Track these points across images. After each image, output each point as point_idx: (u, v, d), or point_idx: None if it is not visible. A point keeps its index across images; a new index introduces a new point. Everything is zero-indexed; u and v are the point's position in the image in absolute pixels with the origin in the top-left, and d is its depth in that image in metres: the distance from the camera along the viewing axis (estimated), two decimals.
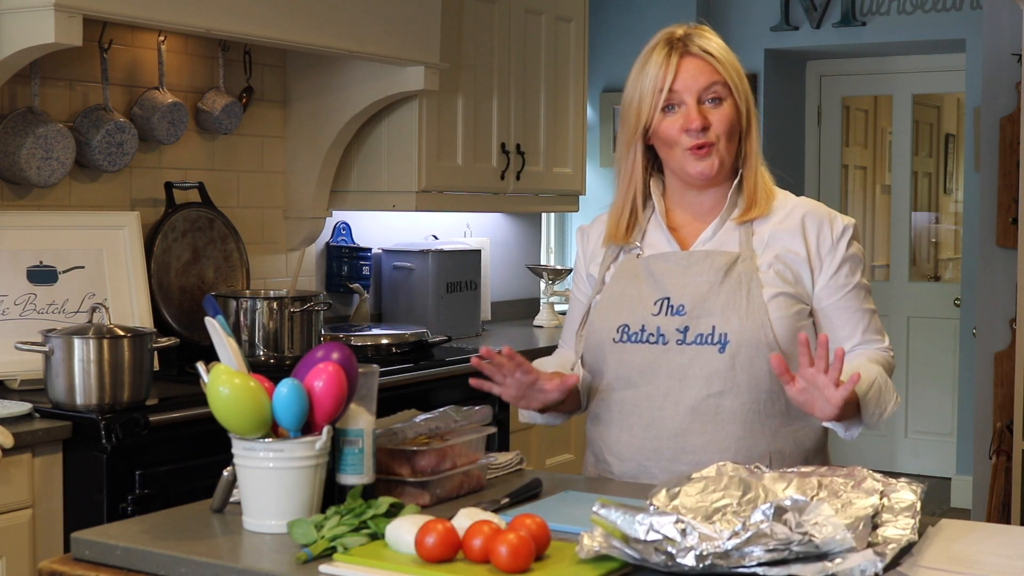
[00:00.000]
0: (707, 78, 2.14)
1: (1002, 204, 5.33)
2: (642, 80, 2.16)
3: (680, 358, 2.13)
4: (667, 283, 2.16)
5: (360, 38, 3.71)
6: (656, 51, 2.16)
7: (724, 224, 2.20)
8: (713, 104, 2.14)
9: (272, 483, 1.81)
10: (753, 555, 1.54)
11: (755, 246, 2.17)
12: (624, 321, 2.18)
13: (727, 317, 2.11)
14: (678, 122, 2.13)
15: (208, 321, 1.88)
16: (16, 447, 2.66)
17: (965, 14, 5.86)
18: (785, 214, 2.20)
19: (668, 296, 2.15)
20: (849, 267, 2.19)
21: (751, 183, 2.19)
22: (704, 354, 2.12)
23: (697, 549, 1.54)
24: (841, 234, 2.19)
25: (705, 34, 2.19)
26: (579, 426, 4.57)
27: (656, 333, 2.15)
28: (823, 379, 1.91)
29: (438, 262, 4.48)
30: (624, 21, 6.35)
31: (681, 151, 2.15)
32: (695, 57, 2.15)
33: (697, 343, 2.12)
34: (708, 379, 2.12)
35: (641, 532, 1.57)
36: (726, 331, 2.11)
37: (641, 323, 2.16)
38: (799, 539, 1.54)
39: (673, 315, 2.14)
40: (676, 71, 2.13)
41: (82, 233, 3.33)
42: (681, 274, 2.16)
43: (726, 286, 2.13)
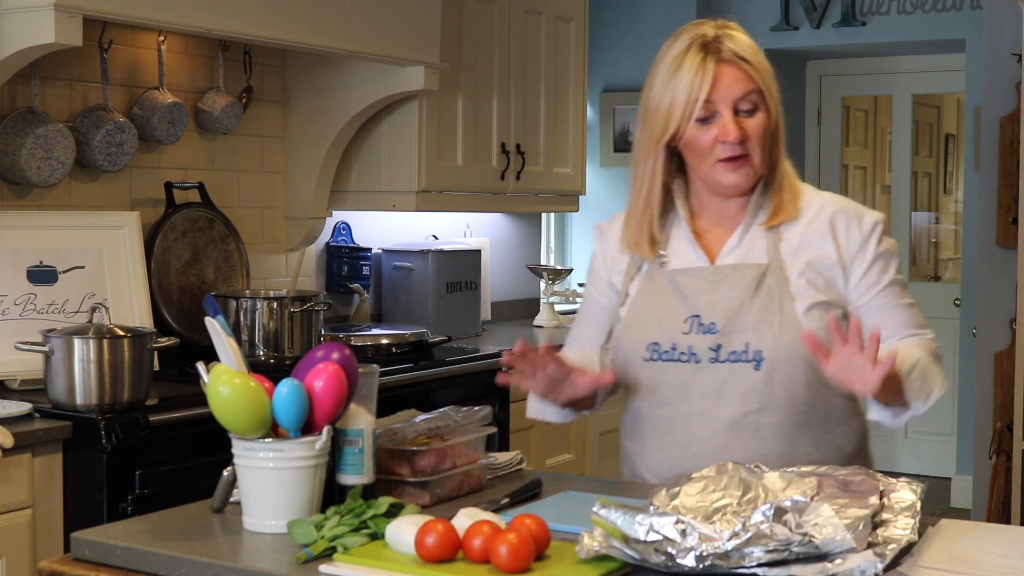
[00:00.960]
0: (743, 87, 2.04)
1: (1002, 204, 5.33)
2: (674, 86, 2.04)
3: (714, 376, 2.07)
4: (696, 300, 2.09)
5: (360, 38, 3.71)
6: (689, 55, 2.04)
7: (750, 230, 2.13)
8: (748, 114, 2.05)
9: (272, 483, 1.81)
10: (753, 555, 1.54)
11: (783, 253, 2.10)
12: (654, 339, 2.11)
13: (760, 333, 2.05)
14: (712, 133, 2.04)
15: (208, 321, 1.88)
16: (16, 447, 2.66)
17: (965, 14, 5.86)
18: (812, 215, 2.12)
19: (698, 314, 2.09)
20: (881, 264, 2.11)
21: (778, 186, 2.12)
22: (739, 371, 2.06)
23: (697, 550, 1.54)
24: (871, 231, 2.11)
25: (736, 34, 2.08)
26: (579, 426, 4.57)
27: (688, 352, 2.08)
28: (860, 357, 1.83)
29: (438, 262, 4.48)
30: (624, 21, 6.35)
31: (713, 162, 2.07)
32: (730, 64, 2.04)
33: (731, 360, 2.06)
34: (744, 396, 2.06)
35: (641, 532, 1.57)
36: (760, 348, 2.05)
37: (672, 341, 2.09)
38: (799, 540, 1.54)
39: (704, 333, 2.07)
40: (713, 80, 2.02)
41: (82, 233, 3.33)
42: (710, 290, 2.09)
43: (757, 301, 2.06)
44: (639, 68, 6.76)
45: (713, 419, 2.07)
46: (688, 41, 2.05)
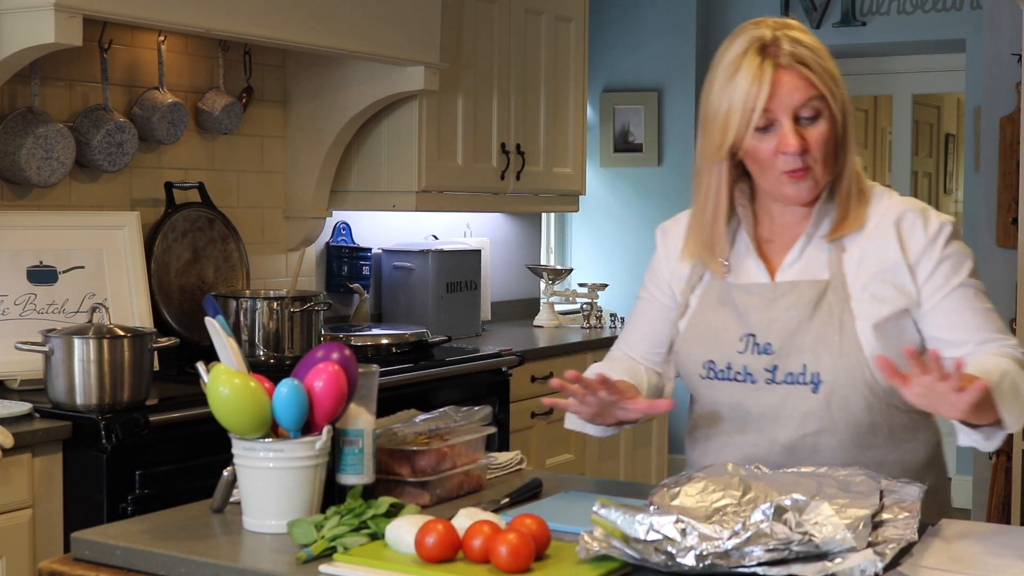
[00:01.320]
0: (803, 94, 1.91)
1: (1002, 204, 5.33)
2: (731, 93, 1.93)
3: (771, 397, 1.99)
4: (752, 318, 2.00)
5: (360, 38, 3.71)
6: (747, 60, 1.92)
7: (812, 241, 2.02)
8: (809, 121, 1.93)
9: (272, 483, 1.81)
10: (753, 555, 1.54)
11: (846, 267, 1.99)
12: (709, 357, 2.04)
13: (818, 355, 1.95)
14: (772, 143, 1.93)
15: (208, 321, 1.88)
16: (16, 447, 2.66)
17: (965, 14, 5.86)
18: (877, 221, 2.00)
19: (753, 333, 2.00)
20: (950, 265, 1.97)
21: (844, 194, 1.99)
22: (796, 393, 1.97)
23: (697, 549, 1.54)
24: (937, 233, 1.98)
25: (796, 34, 1.94)
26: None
27: (743, 372, 2.00)
28: (942, 386, 1.69)
29: (438, 262, 4.48)
30: (624, 21, 6.35)
31: (778, 173, 1.95)
32: (789, 69, 1.91)
33: (788, 382, 1.97)
34: (802, 419, 1.97)
35: (641, 532, 1.57)
36: (818, 370, 1.95)
37: (727, 361, 2.02)
38: (799, 539, 1.54)
39: (760, 353, 1.99)
40: (771, 87, 1.90)
41: (82, 233, 3.33)
42: (766, 308, 2.00)
43: (816, 320, 1.96)
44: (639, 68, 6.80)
45: (771, 440, 2.00)
46: (745, 44, 1.94)
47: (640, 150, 6.30)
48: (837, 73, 1.97)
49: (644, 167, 6.30)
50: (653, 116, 6.23)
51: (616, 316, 5.20)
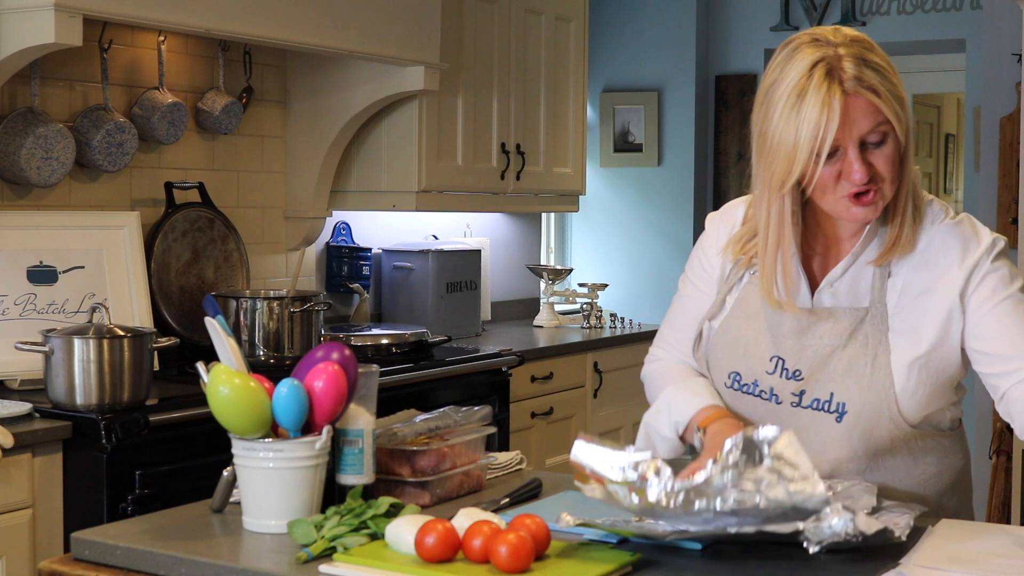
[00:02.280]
0: (871, 121, 1.82)
1: (1002, 204, 5.33)
2: (797, 123, 1.81)
3: (794, 420, 1.94)
4: (784, 344, 1.96)
5: (360, 38, 3.71)
6: (813, 86, 1.81)
7: (857, 260, 1.95)
8: (875, 146, 1.84)
9: (272, 483, 1.81)
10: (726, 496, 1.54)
11: (888, 294, 1.92)
12: (736, 369, 2.00)
13: (847, 385, 1.91)
14: (835, 169, 1.84)
15: (208, 321, 1.88)
16: (16, 447, 2.66)
17: (965, 14, 5.86)
18: (926, 245, 1.93)
19: (784, 357, 1.96)
20: (998, 278, 1.90)
21: (899, 215, 1.91)
22: (820, 421, 1.94)
23: (667, 486, 1.55)
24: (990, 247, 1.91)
25: (862, 52, 1.85)
26: (579, 426, 4.57)
27: (769, 392, 1.97)
28: None
29: (438, 262, 4.48)
30: (624, 21, 6.35)
31: (839, 197, 1.86)
32: (856, 96, 1.81)
33: (813, 408, 1.94)
34: (824, 446, 1.93)
35: (618, 474, 1.59)
36: (844, 400, 1.91)
37: (754, 377, 1.98)
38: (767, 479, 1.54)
39: (788, 378, 1.95)
40: (840, 116, 1.79)
41: (82, 233, 3.33)
42: (799, 335, 1.95)
43: (849, 350, 1.92)
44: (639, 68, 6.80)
45: None
46: (810, 64, 1.82)
47: (640, 150, 6.30)
48: (904, 93, 1.89)
49: (644, 167, 6.30)
50: (653, 116, 6.23)
51: (616, 316, 5.20)
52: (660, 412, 2.04)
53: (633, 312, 5.99)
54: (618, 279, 6.26)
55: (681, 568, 1.62)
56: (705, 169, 6.39)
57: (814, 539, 1.53)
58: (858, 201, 1.86)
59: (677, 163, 6.25)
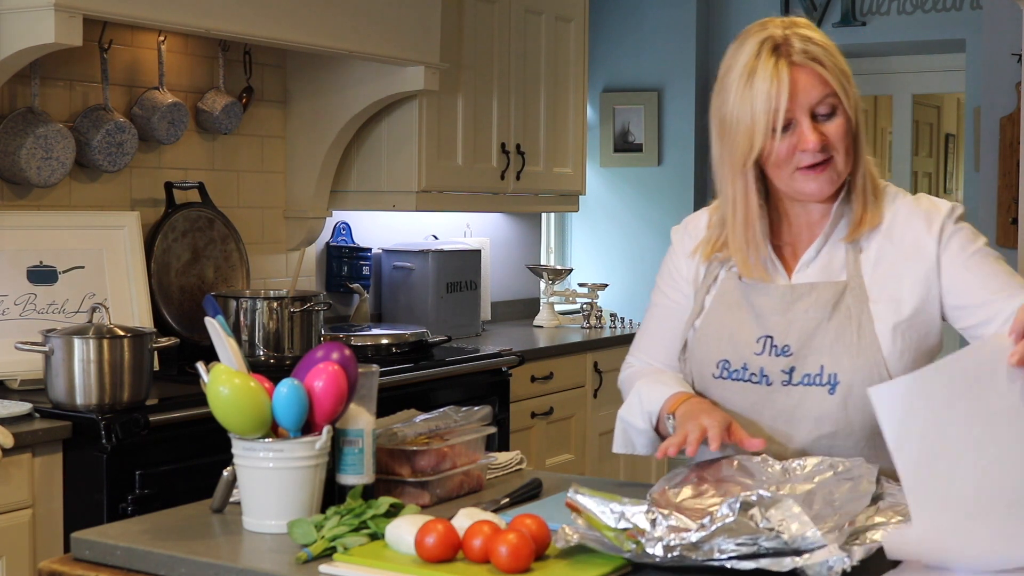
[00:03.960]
0: (819, 91, 1.91)
1: (1002, 204, 5.33)
2: (751, 99, 1.91)
3: (786, 400, 1.97)
4: (770, 320, 1.99)
5: (360, 38, 3.71)
6: (761, 62, 1.90)
7: (828, 241, 2.01)
8: (825, 118, 1.92)
9: (272, 483, 1.81)
10: (723, 548, 1.54)
11: (864, 268, 1.99)
12: (724, 357, 2.02)
13: (836, 356, 1.95)
14: (790, 142, 1.92)
15: (208, 321, 1.88)
16: (16, 447, 2.66)
17: (965, 14, 5.86)
18: (891, 219, 2.00)
19: (771, 335, 1.99)
20: (964, 235, 1.98)
21: (860, 193, 1.99)
22: (813, 395, 1.96)
23: (665, 540, 1.55)
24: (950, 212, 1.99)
25: (806, 32, 1.94)
26: (579, 426, 4.57)
27: (759, 374, 1.99)
28: None
29: (438, 262, 4.48)
30: (624, 21, 6.35)
31: (792, 171, 1.94)
32: (803, 68, 1.90)
33: (804, 384, 1.96)
34: (818, 421, 1.96)
35: (612, 520, 1.59)
36: (836, 371, 1.94)
37: (743, 361, 2.00)
38: (767, 535, 1.55)
39: (777, 355, 1.98)
40: (789, 87, 1.89)
41: (82, 233, 3.33)
42: (784, 311, 1.99)
43: (834, 322, 1.96)
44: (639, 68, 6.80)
45: (784, 442, 1.98)
46: (757, 45, 1.92)
47: (640, 150, 6.30)
48: (848, 70, 1.97)
49: (644, 167, 6.30)
50: (653, 116, 6.23)
51: (616, 316, 5.20)
52: (633, 405, 2.08)
53: (633, 312, 5.99)
54: (618, 279, 6.25)
55: (681, 569, 1.61)
56: (705, 169, 6.39)
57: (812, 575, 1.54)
58: (813, 171, 1.93)
59: (677, 163, 6.25)
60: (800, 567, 1.53)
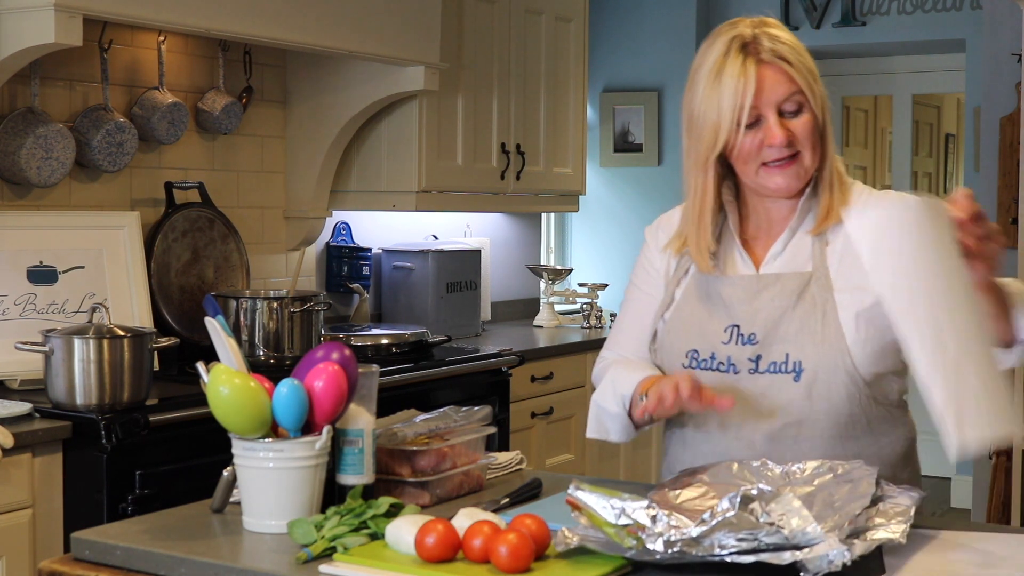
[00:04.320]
0: (786, 88, 1.96)
1: (1002, 204, 5.33)
2: (718, 95, 1.96)
3: (753, 387, 2.00)
4: (737, 310, 2.03)
5: (360, 38, 3.71)
6: (730, 59, 1.96)
7: (795, 235, 2.05)
8: (792, 115, 1.97)
9: (272, 483, 1.81)
10: (724, 543, 1.54)
11: (829, 259, 2.02)
12: (693, 347, 2.06)
13: (801, 344, 1.98)
14: (758, 138, 1.97)
15: (208, 321, 1.88)
16: (16, 447, 2.66)
17: (965, 14, 5.86)
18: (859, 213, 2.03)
19: (738, 324, 2.03)
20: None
21: (827, 188, 2.03)
22: (779, 383, 1.99)
23: (666, 535, 1.55)
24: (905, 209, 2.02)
25: (774, 31, 1.99)
26: (579, 426, 4.57)
27: (727, 363, 2.02)
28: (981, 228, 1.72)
29: (438, 262, 4.48)
30: (624, 21, 6.35)
31: (758, 166, 1.99)
32: (771, 66, 1.96)
33: (770, 372, 2.00)
34: (784, 409, 1.99)
35: (612, 516, 1.59)
36: (800, 359, 1.98)
37: (711, 351, 2.04)
38: (767, 529, 1.55)
39: (744, 344, 2.01)
40: (756, 84, 1.94)
41: (82, 233, 3.33)
42: (750, 300, 2.03)
43: (799, 311, 1.99)
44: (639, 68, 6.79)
45: (752, 430, 2.01)
46: (726, 43, 1.98)
47: (640, 150, 6.30)
48: (815, 69, 2.01)
49: (644, 167, 6.30)
50: (653, 116, 6.23)
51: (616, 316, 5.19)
52: (606, 391, 2.11)
53: None
54: (618, 279, 6.25)
55: (681, 568, 1.61)
56: None
57: (812, 570, 1.54)
58: (780, 168, 1.98)
59: (677, 163, 6.21)
60: (800, 561, 1.53)
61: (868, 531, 1.65)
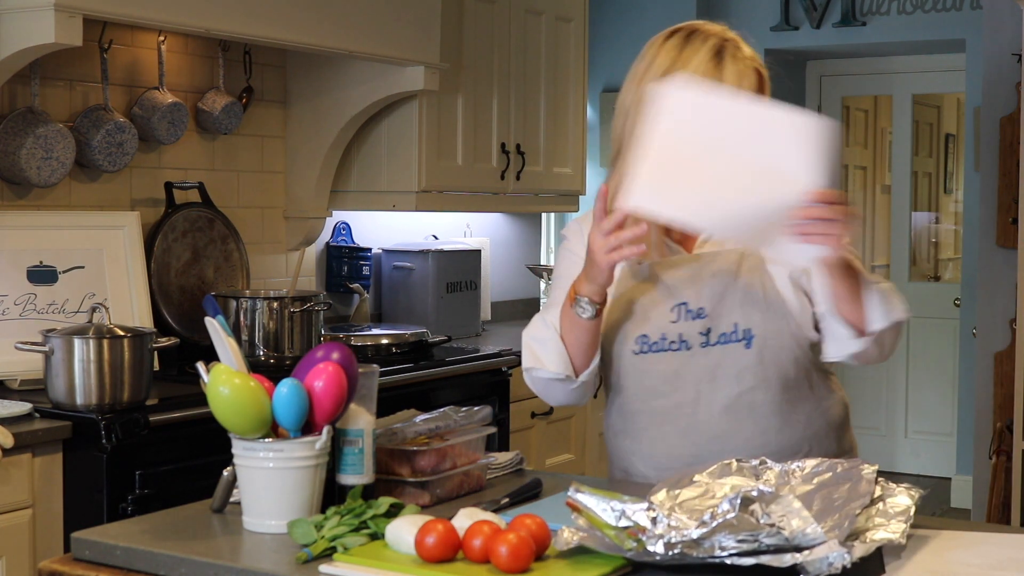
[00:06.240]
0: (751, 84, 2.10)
1: (1002, 204, 5.33)
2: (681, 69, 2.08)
3: (706, 360, 2.09)
4: (681, 289, 2.11)
5: (360, 38, 3.71)
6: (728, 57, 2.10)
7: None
8: None
9: (272, 483, 1.81)
10: (724, 545, 1.54)
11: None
12: (641, 332, 2.12)
13: (747, 312, 2.08)
14: None
15: (208, 321, 1.88)
16: (16, 447, 2.66)
17: (965, 14, 5.86)
18: None
19: (684, 301, 2.10)
20: None
21: None
22: (731, 352, 2.08)
23: (666, 537, 1.56)
24: None
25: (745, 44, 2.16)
26: (579, 426, 4.57)
27: (678, 340, 2.10)
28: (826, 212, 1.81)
29: (438, 262, 4.48)
30: (624, 21, 6.35)
31: None
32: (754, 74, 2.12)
33: (722, 343, 2.08)
34: (738, 376, 2.08)
35: (612, 519, 1.59)
36: (749, 326, 2.07)
37: (661, 332, 2.11)
38: (767, 531, 1.55)
39: (693, 319, 2.09)
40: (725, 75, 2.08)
41: (82, 233, 3.33)
42: (693, 278, 2.11)
43: (740, 282, 2.09)
44: None
45: (709, 403, 2.09)
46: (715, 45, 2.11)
47: None
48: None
49: None
50: None
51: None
52: (535, 323, 2.15)
53: None
54: None
55: (682, 569, 1.61)
56: None
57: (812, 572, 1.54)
58: None
59: None
60: (800, 563, 1.53)
61: (868, 531, 1.65)
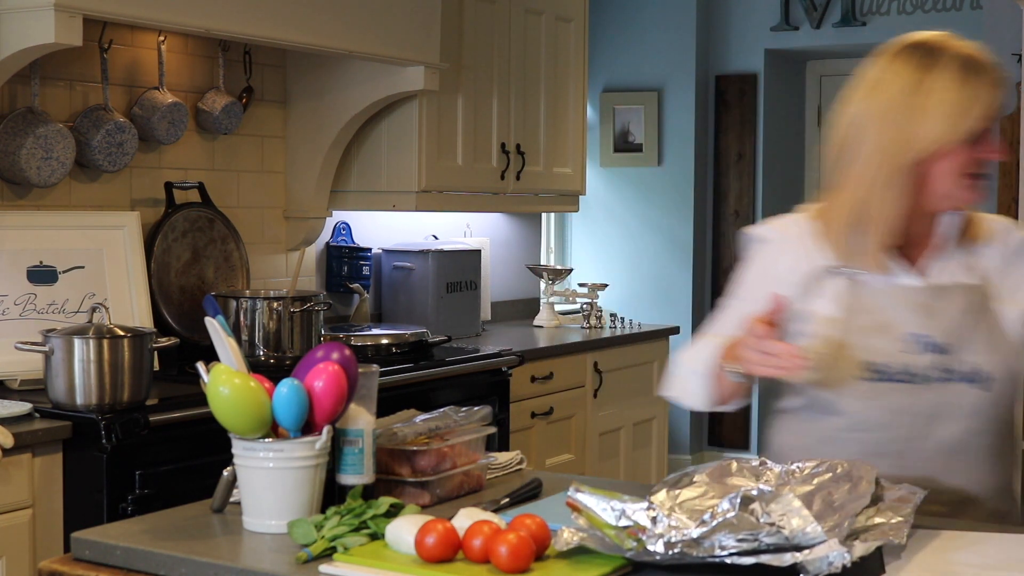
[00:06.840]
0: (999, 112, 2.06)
1: (1002, 204, 5.33)
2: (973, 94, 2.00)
3: (937, 397, 2.00)
4: (917, 319, 2.01)
5: (360, 38, 3.71)
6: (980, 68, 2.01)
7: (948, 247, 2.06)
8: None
9: (272, 483, 1.81)
10: (724, 544, 1.54)
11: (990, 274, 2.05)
12: (870, 359, 2.01)
13: (987, 353, 2.00)
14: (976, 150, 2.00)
15: (208, 321, 1.88)
16: (16, 447, 2.66)
17: (965, 14, 5.86)
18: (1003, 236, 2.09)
19: (919, 332, 2.00)
20: None
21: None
22: (966, 393, 1.99)
23: (666, 536, 1.56)
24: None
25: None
26: (579, 426, 4.57)
27: (907, 372, 2.00)
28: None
29: (438, 262, 4.48)
30: (624, 21, 6.35)
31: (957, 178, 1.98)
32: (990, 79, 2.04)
33: (957, 380, 1.99)
34: (969, 417, 2.00)
35: (612, 518, 1.59)
36: (988, 368, 1.99)
37: (889, 361, 2.01)
38: (768, 530, 1.55)
39: (927, 352, 2.00)
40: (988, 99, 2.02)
41: (82, 233, 3.33)
42: (928, 309, 2.01)
43: (978, 319, 2.01)
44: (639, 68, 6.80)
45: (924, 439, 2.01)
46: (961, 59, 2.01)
47: (640, 150, 6.30)
48: None
49: (644, 167, 6.30)
50: (653, 116, 6.23)
51: (616, 316, 5.20)
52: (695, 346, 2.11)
53: (633, 312, 5.99)
54: (618, 279, 6.25)
55: (682, 569, 1.61)
56: (705, 169, 6.39)
57: (812, 571, 1.54)
58: (974, 182, 1.99)
59: (677, 163, 6.25)
60: (800, 562, 1.53)
61: (868, 531, 1.65)
